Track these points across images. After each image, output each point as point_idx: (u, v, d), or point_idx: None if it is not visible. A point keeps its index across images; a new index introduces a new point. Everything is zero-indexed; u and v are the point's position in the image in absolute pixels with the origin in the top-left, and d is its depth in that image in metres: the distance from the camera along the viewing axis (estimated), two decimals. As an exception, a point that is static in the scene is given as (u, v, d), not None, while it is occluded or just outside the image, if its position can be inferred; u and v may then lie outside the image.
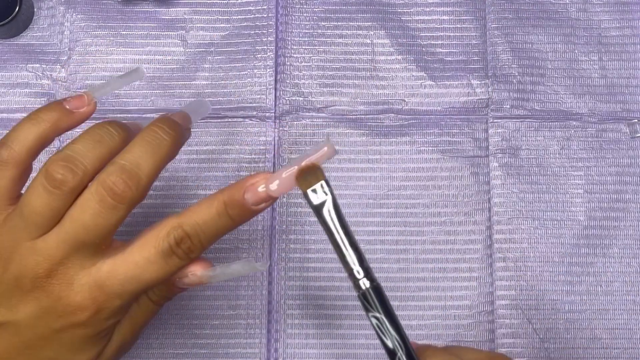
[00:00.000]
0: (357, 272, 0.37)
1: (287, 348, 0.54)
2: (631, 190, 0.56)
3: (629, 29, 0.58)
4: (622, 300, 0.55)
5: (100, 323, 0.40)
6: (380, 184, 0.56)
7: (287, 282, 0.55)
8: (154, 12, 0.59)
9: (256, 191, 0.39)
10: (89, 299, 0.39)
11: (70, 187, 0.38)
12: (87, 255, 0.39)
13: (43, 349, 0.40)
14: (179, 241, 0.39)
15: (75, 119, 0.42)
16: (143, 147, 0.39)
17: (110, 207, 0.38)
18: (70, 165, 0.38)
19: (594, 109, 0.57)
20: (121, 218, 0.38)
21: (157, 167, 0.39)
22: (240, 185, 0.39)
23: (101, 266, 0.39)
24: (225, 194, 0.39)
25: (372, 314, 0.37)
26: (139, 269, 0.39)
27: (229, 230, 0.40)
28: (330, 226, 0.37)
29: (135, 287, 0.39)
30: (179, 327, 0.54)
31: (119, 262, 0.39)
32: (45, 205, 0.38)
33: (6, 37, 0.58)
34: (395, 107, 0.57)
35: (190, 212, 0.39)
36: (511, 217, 0.56)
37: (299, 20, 0.58)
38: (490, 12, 0.58)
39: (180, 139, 0.41)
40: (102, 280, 0.39)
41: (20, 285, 0.39)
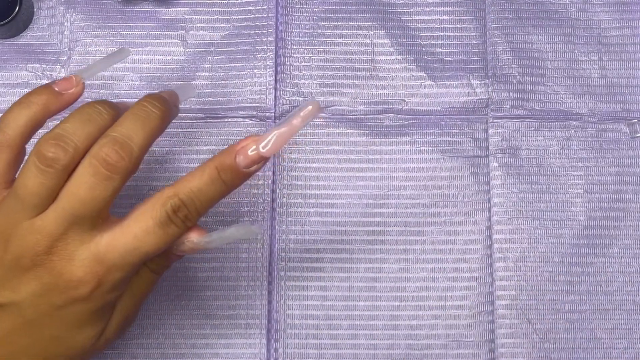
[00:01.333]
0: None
1: (287, 348, 0.54)
2: (631, 190, 0.56)
3: (629, 29, 0.58)
4: (622, 300, 0.55)
5: (103, 297, 0.40)
6: (380, 184, 0.56)
7: (287, 282, 0.55)
8: (154, 12, 0.59)
9: (247, 154, 0.40)
10: (90, 273, 0.39)
11: (62, 164, 0.38)
12: (85, 229, 0.39)
13: (47, 327, 0.41)
14: (175, 209, 0.39)
15: (64, 101, 0.43)
16: (133, 120, 0.40)
17: (105, 178, 0.39)
18: (61, 143, 0.39)
19: (594, 109, 0.57)
20: (116, 189, 0.39)
21: (148, 138, 0.40)
22: (231, 150, 0.40)
23: (100, 240, 0.40)
24: (216, 160, 0.40)
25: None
26: (138, 240, 0.39)
27: (224, 196, 0.41)
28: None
29: (136, 259, 0.40)
30: (179, 327, 0.55)
31: (118, 235, 0.39)
32: (40, 185, 0.39)
33: (6, 37, 0.58)
34: (395, 107, 0.57)
35: (184, 180, 0.40)
36: (511, 217, 0.56)
37: (299, 20, 0.58)
38: (490, 12, 0.58)
39: (169, 113, 0.42)
40: (102, 254, 0.39)
41: (20, 264, 0.39)
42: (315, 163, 0.56)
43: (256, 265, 0.55)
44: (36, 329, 0.41)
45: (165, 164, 0.56)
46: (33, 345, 0.41)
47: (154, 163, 0.56)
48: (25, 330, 0.41)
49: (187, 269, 0.55)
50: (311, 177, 0.56)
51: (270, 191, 0.56)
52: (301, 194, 0.56)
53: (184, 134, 0.56)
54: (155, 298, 0.55)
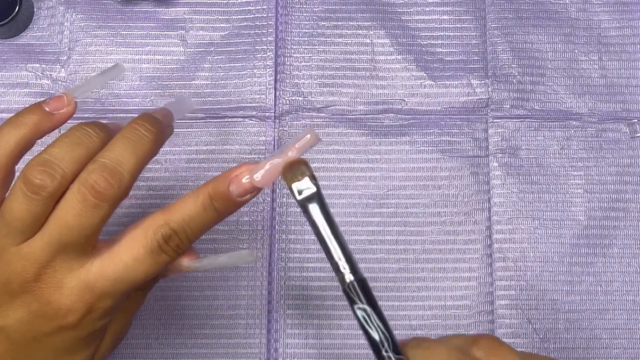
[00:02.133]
0: (342, 267, 0.37)
1: (287, 348, 0.54)
2: (631, 190, 0.56)
3: (629, 29, 0.58)
4: (622, 300, 0.55)
5: (92, 324, 0.40)
6: (380, 184, 0.56)
7: (287, 282, 0.55)
8: (154, 12, 0.59)
9: (240, 182, 0.39)
10: (79, 302, 0.39)
11: (49, 191, 0.37)
12: (73, 256, 0.38)
13: (35, 354, 0.40)
14: (167, 239, 0.39)
15: (55, 121, 0.41)
16: (124, 144, 0.39)
17: (93, 206, 0.37)
18: (48, 169, 0.37)
19: (594, 109, 0.57)
20: (105, 217, 0.38)
21: (139, 164, 0.39)
22: (225, 177, 0.39)
23: (90, 267, 0.39)
24: (209, 187, 0.39)
25: (357, 306, 0.37)
26: (128, 269, 0.38)
27: (215, 223, 0.40)
28: (316, 221, 0.37)
29: (126, 287, 0.39)
30: (179, 327, 0.54)
31: (107, 263, 0.39)
32: (26, 211, 0.38)
33: (6, 37, 0.58)
34: (395, 107, 0.57)
35: (176, 207, 0.39)
36: (511, 217, 0.56)
37: (299, 20, 0.58)
38: (490, 12, 0.58)
39: (162, 136, 0.41)
40: (91, 282, 0.39)
41: (8, 290, 0.39)
42: (315, 163, 0.56)
43: (256, 266, 0.55)
44: (24, 354, 0.40)
45: (165, 163, 0.56)
46: None
47: (154, 163, 0.56)
48: (13, 356, 0.40)
49: (187, 269, 0.55)
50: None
51: (270, 191, 0.56)
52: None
53: (184, 134, 0.56)
54: (155, 298, 0.55)
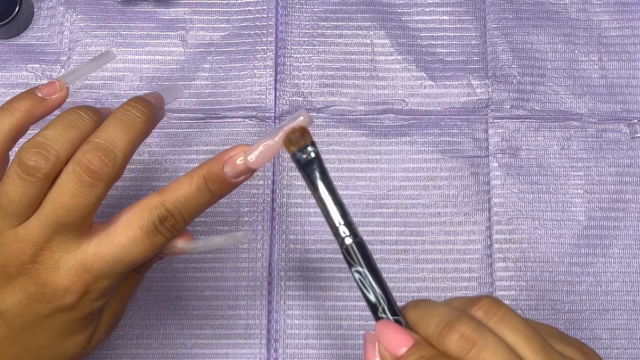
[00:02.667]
0: (341, 230, 0.37)
1: (287, 348, 0.54)
2: (631, 190, 0.56)
3: (629, 29, 0.58)
4: (622, 300, 0.55)
5: (90, 305, 0.40)
6: (380, 184, 0.56)
7: (287, 282, 0.55)
8: (154, 12, 0.59)
9: (235, 164, 0.39)
10: (77, 282, 0.39)
11: (44, 173, 0.38)
12: (70, 237, 0.39)
13: (34, 336, 0.40)
14: (162, 219, 0.39)
15: (48, 106, 0.42)
16: (117, 125, 0.39)
17: (88, 185, 0.38)
18: (42, 151, 0.38)
19: (594, 109, 0.57)
20: (100, 196, 0.39)
21: (132, 144, 0.39)
22: (219, 159, 0.39)
23: (86, 248, 0.39)
24: (204, 169, 0.40)
25: (354, 268, 0.37)
26: (125, 250, 0.39)
27: (211, 204, 0.41)
28: (317, 184, 0.38)
29: (124, 267, 0.39)
30: (179, 327, 0.54)
31: (104, 244, 0.39)
32: (22, 193, 0.38)
33: (6, 37, 0.58)
34: (395, 107, 0.57)
35: (171, 189, 0.40)
36: (511, 217, 0.56)
37: (299, 20, 0.58)
38: (490, 12, 0.58)
39: (154, 117, 0.41)
40: (88, 263, 0.39)
41: (5, 274, 0.39)
42: (315, 163, 0.56)
43: (256, 266, 0.55)
44: (24, 338, 0.40)
45: (165, 163, 0.56)
46: (21, 355, 0.41)
47: (154, 163, 0.56)
48: (13, 340, 0.40)
49: (187, 269, 0.55)
50: (311, 177, 0.56)
51: (270, 191, 0.56)
52: (301, 194, 0.56)
53: (184, 134, 0.56)
54: (155, 298, 0.55)
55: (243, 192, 0.56)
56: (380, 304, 0.36)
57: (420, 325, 0.35)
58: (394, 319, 0.36)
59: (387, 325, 0.35)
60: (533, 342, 0.34)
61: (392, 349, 0.34)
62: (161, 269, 0.55)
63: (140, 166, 0.56)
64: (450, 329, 0.33)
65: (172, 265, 0.55)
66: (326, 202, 0.38)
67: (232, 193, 0.55)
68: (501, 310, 0.35)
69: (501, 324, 0.34)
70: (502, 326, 0.34)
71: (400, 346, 0.34)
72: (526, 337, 0.34)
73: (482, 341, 0.33)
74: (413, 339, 0.34)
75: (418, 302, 0.37)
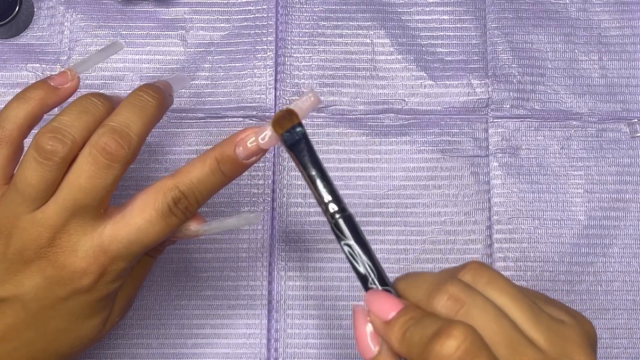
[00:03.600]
0: (331, 206, 0.38)
1: (287, 348, 0.54)
2: (631, 190, 0.56)
3: (629, 29, 0.58)
4: (622, 300, 0.55)
5: (106, 287, 0.41)
6: (380, 184, 0.56)
7: (287, 282, 0.55)
8: (154, 12, 0.59)
9: (246, 145, 0.41)
10: (94, 264, 0.40)
11: (60, 156, 0.39)
12: (87, 219, 0.40)
13: (51, 320, 0.41)
14: (176, 201, 0.40)
15: (60, 95, 0.44)
16: (130, 109, 0.41)
17: (105, 166, 0.39)
18: (59, 135, 0.39)
19: (594, 108, 0.57)
20: (116, 178, 0.40)
21: (145, 127, 0.41)
22: (231, 141, 0.41)
23: (103, 230, 0.40)
24: (216, 151, 0.41)
25: (344, 242, 0.38)
26: (141, 231, 0.40)
27: (223, 186, 0.42)
28: (305, 161, 0.39)
29: (139, 249, 0.40)
30: (179, 327, 0.54)
31: (120, 226, 0.40)
32: (39, 177, 0.39)
33: (6, 37, 0.58)
34: (395, 107, 0.57)
35: (184, 171, 0.41)
36: (511, 217, 0.56)
37: (299, 20, 0.58)
38: (490, 12, 0.58)
39: (164, 102, 0.43)
40: (105, 245, 0.40)
41: (24, 258, 0.40)
42: (315, 163, 0.56)
43: (256, 265, 0.55)
44: (41, 322, 0.41)
45: (166, 163, 0.56)
46: (38, 339, 0.41)
47: (154, 163, 0.56)
48: (31, 324, 0.41)
49: (187, 269, 0.55)
50: (311, 177, 0.56)
51: (271, 191, 0.56)
52: (301, 193, 0.56)
53: (184, 134, 0.56)
54: (155, 298, 0.55)
55: (243, 192, 0.56)
56: (370, 275, 0.37)
57: (410, 292, 0.36)
58: (383, 288, 0.37)
59: (376, 293, 0.36)
60: (521, 303, 0.34)
61: (382, 315, 0.35)
62: (161, 269, 0.55)
63: (140, 166, 0.56)
64: (439, 291, 0.34)
65: (172, 265, 0.55)
66: (314, 179, 0.39)
67: (232, 193, 0.55)
68: (488, 273, 0.35)
69: (489, 286, 0.35)
70: (491, 288, 0.34)
71: (390, 311, 0.35)
72: (514, 298, 0.34)
73: (470, 300, 0.33)
74: (402, 304, 0.35)
75: (407, 274, 0.38)
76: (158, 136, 0.56)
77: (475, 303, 0.33)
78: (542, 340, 0.33)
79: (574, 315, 0.36)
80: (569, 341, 0.34)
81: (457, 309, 0.33)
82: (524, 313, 0.34)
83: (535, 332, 0.33)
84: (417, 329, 0.33)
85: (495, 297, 0.34)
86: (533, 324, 0.33)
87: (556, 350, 0.33)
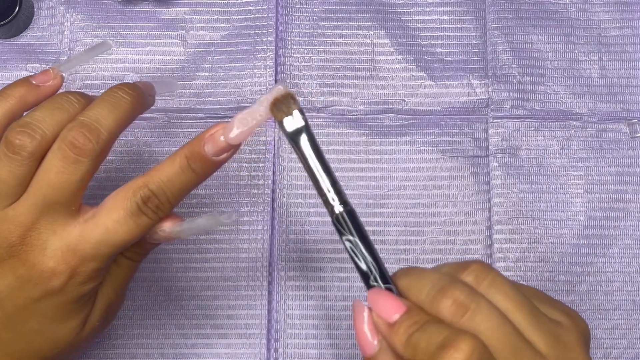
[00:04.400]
0: (331, 198, 0.37)
1: (287, 348, 0.54)
2: (631, 190, 0.56)
3: (629, 29, 0.58)
4: (622, 300, 0.55)
5: (78, 289, 0.40)
6: (380, 184, 0.56)
7: (287, 282, 0.55)
8: (154, 12, 0.59)
9: (216, 141, 0.39)
10: (62, 264, 0.39)
11: (29, 151, 0.38)
12: (57, 218, 0.39)
13: (26, 322, 0.40)
14: (145, 200, 0.39)
15: (41, 93, 0.43)
16: (102, 105, 0.40)
17: (73, 161, 0.38)
18: (28, 130, 0.38)
19: (594, 109, 0.57)
20: (86, 174, 0.39)
21: (117, 122, 0.40)
22: (199, 138, 0.39)
23: (72, 230, 0.39)
24: (186, 149, 0.40)
25: (345, 237, 0.37)
26: (109, 232, 0.39)
27: (196, 185, 0.41)
28: (305, 153, 0.37)
29: (109, 250, 0.39)
30: (179, 327, 0.54)
31: (90, 226, 0.39)
32: (9, 173, 0.38)
33: (6, 37, 0.58)
34: (395, 107, 0.57)
35: (155, 170, 0.40)
36: (511, 217, 0.56)
37: (299, 20, 0.58)
38: (490, 12, 0.58)
39: (141, 100, 0.42)
40: (74, 244, 0.39)
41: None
42: (315, 163, 0.56)
43: (256, 265, 0.55)
44: (16, 323, 0.40)
45: (165, 164, 0.56)
46: (16, 340, 0.41)
47: (154, 163, 0.56)
48: (6, 325, 0.40)
49: (187, 269, 0.55)
50: (311, 177, 0.56)
51: (271, 191, 0.56)
52: (301, 194, 0.56)
53: (184, 134, 0.56)
54: (155, 298, 0.55)
55: (243, 192, 0.56)
56: (372, 272, 0.36)
57: (412, 292, 0.36)
58: (385, 287, 0.36)
59: (380, 293, 0.36)
60: (523, 308, 0.34)
61: (386, 316, 0.35)
62: (161, 269, 0.55)
63: (139, 166, 0.56)
64: (443, 295, 0.34)
65: (172, 265, 0.55)
66: (315, 170, 0.37)
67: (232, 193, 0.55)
68: (491, 275, 0.35)
69: (492, 288, 0.35)
70: (494, 291, 0.34)
71: (393, 313, 0.35)
72: (516, 302, 0.34)
73: (475, 306, 0.33)
74: (405, 305, 0.35)
75: (408, 270, 0.37)
76: (158, 136, 0.56)
77: (479, 309, 0.33)
78: (542, 345, 0.34)
79: (569, 313, 0.36)
80: (567, 344, 0.34)
81: (461, 314, 0.33)
82: (525, 318, 0.34)
83: (536, 336, 0.34)
84: (423, 336, 0.33)
85: (497, 300, 0.34)
86: (535, 329, 0.34)
87: (556, 354, 0.34)
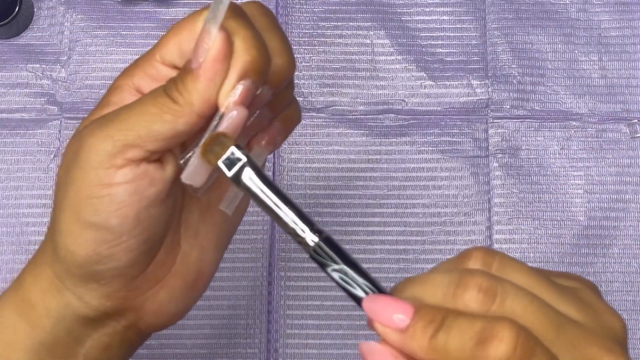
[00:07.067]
0: (300, 230, 0.33)
1: (287, 348, 0.54)
2: (631, 190, 0.56)
3: (629, 29, 0.58)
4: (622, 300, 0.55)
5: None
6: (380, 184, 0.56)
7: (287, 282, 0.55)
8: (154, 12, 0.59)
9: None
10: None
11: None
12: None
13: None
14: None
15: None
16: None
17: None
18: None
19: (594, 109, 0.57)
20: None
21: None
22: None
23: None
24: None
25: (331, 268, 0.32)
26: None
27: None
28: (256, 192, 0.33)
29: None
30: (179, 327, 0.54)
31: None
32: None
33: (6, 37, 0.58)
34: (395, 107, 0.57)
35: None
36: (511, 217, 0.56)
37: (299, 20, 0.58)
38: (490, 12, 0.58)
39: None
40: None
41: None
42: (315, 163, 0.56)
43: (256, 266, 0.55)
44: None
45: (165, 164, 0.56)
46: None
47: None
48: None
49: (187, 269, 0.55)
50: (311, 177, 0.56)
51: (270, 191, 0.56)
52: (301, 194, 0.56)
53: (184, 134, 0.56)
54: (155, 298, 0.55)
55: (243, 192, 0.56)
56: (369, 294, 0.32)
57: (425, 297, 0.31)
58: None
59: (377, 299, 0.31)
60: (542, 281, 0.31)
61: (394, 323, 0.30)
62: (161, 269, 0.55)
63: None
64: (465, 288, 0.30)
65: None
66: (274, 206, 0.33)
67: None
68: (497, 257, 0.31)
69: (505, 269, 0.31)
70: (508, 270, 0.31)
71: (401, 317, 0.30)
72: (534, 277, 0.31)
73: (501, 289, 0.30)
74: (412, 305, 0.30)
75: (406, 281, 0.33)
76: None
77: (506, 292, 0.29)
78: (574, 313, 0.30)
79: (575, 278, 0.33)
80: (593, 305, 0.31)
81: (491, 300, 0.29)
82: (548, 291, 0.31)
83: (565, 306, 0.30)
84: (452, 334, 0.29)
85: (516, 278, 0.31)
86: (561, 299, 0.31)
87: (590, 318, 0.31)
